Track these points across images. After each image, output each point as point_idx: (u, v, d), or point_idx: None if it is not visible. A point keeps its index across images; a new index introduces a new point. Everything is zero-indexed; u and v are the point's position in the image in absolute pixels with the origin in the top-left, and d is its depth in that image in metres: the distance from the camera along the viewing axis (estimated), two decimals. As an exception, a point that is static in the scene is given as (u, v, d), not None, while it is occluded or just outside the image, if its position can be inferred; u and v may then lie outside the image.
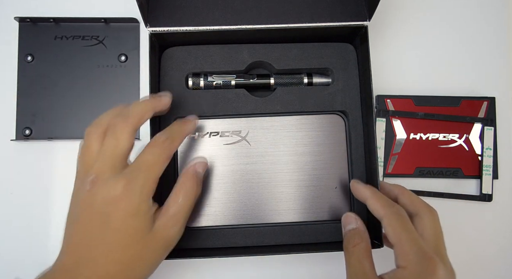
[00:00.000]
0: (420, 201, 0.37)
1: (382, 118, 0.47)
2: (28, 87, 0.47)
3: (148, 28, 0.40)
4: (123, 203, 0.32)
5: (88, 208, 0.32)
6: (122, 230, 0.32)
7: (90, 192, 0.32)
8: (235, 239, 0.42)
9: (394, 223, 0.34)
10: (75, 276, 0.31)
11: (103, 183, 0.32)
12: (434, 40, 0.49)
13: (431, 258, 0.32)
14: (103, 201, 0.32)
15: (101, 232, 0.32)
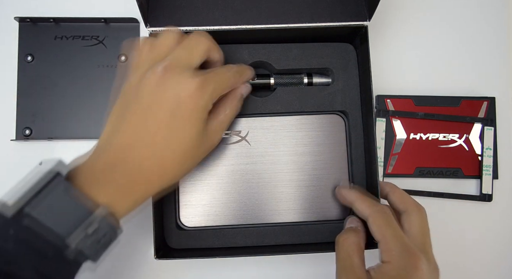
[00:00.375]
0: (409, 198, 0.38)
1: (382, 118, 0.47)
2: (28, 87, 0.47)
3: (148, 28, 0.40)
4: (195, 98, 0.33)
5: (157, 92, 0.32)
6: (188, 122, 0.33)
7: (162, 77, 0.32)
8: (235, 239, 0.42)
9: (378, 220, 0.35)
10: (131, 154, 0.32)
11: (179, 73, 0.33)
12: (434, 40, 0.49)
13: (414, 253, 0.33)
14: (175, 90, 0.32)
15: (167, 118, 0.32)
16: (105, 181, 0.30)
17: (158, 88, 0.32)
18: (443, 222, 0.47)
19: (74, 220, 0.27)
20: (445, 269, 0.46)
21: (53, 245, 0.26)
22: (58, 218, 0.27)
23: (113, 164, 0.31)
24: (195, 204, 0.42)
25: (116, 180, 0.31)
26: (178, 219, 0.42)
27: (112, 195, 0.30)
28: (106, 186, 0.30)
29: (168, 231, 0.42)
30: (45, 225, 0.26)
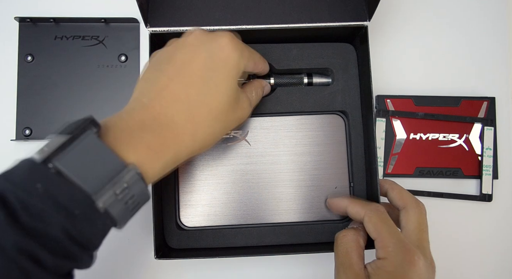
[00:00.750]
0: (408, 195, 0.38)
1: (382, 118, 0.47)
2: (28, 87, 0.47)
3: (148, 28, 0.40)
4: (232, 56, 0.33)
5: (193, 50, 0.33)
6: (224, 78, 0.33)
7: (198, 37, 0.33)
8: (235, 239, 0.42)
9: (373, 219, 0.35)
10: (163, 110, 0.31)
11: (216, 34, 0.34)
12: (434, 40, 0.49)
13: (409, 249, 0.33)
14: (211, 47, 0.33)
15: (201, 72, 0.32)
16: (135, 140, 0.28)
17: (193, 46, 0.33)
18: (443, 222, 0.47)
19: (102, 177, 0.25)
20: (445, 269, 0.46)
21: (80, 202, 0.25)
22: (86, 173, 0.25)
23: (143, 121, 0.30)
24: (195, 204, 0.42)
25: (147, 139, 0.29)
26: (178, 219, 0.42)
27: (142, 155, 0.28)
28: (136, 145, 0.28)
29: (168, 231, 0.42)
30: (73, 180, 0.25)
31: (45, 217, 0.24)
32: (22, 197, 0.23)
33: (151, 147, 0.29)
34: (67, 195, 0.24)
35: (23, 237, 0.23)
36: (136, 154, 0.28)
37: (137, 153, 0.28)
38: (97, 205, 0.25)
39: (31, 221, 0.23)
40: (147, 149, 0.29)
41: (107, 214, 0.26)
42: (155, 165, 0.29)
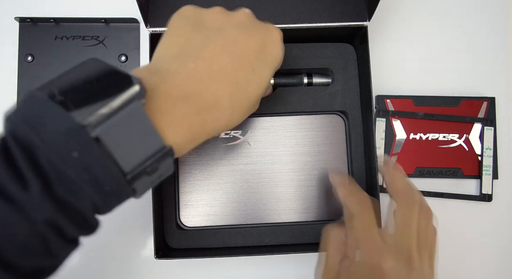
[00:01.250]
0: (401, 184, 0.37)
1: (382, 118, 0.47)
2: (28, 87, 0.46)
3: (148, 29, 0.40)
4: (278, 47, 0.32)
5: (245, 30, 0.31)
6: (267, 68, 0.32)
7: (251, 19, 0.33)
8: (235, 239, 0.42)
9: (353, 218, 0.36)
10: (211, 87, 0.29)
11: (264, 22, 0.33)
12: (434, 40, 0.49)
13: (379, 252, 0.33)
14: (263, 34, 0.32)
15: (252, 58, 0.31)
16: (178, 116, 0.26)
17: (246, 28, 0.31)
18: (443, 222, 0.47)
19: (140, 155, 0.24)
20: (445, 268, 0.46)
21: (113, 179, 0.23)
22: (125, 148, 0.23)
23: (188, 94, 0.27)
24: (195, 204, 0.42)
25: (189, 118, 0.27)
26: (178, 219, 0.42)
27: (180, 135, 0.27)
28: (178, 122, 0.26)
29: (168, 231, 0.42)
30: (112, 154, 0.23)
31: (78, 191, 0.22)
32: (57, 165, 0.21)
33: (191, 128, 0.27)
34: (103, 170, 0.22)
35: (55, 212, 0.22)
36: (176, 134, 0.26)
37: (176, 132, 0.26)
38: (128, 183, 0.24)
39: (65, 195, 0.22)
40: (187, 129, 0.27)
41: (133, 189, 0.25)
42: (188, 147, 0.28)
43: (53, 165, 0.22)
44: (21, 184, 0.21)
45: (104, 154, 0.22)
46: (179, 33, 0.31)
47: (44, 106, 0.22)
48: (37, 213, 0.21)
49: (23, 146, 0.21)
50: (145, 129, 0.24)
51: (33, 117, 0.22)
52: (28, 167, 0.21)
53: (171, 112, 0.26)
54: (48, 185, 0.22)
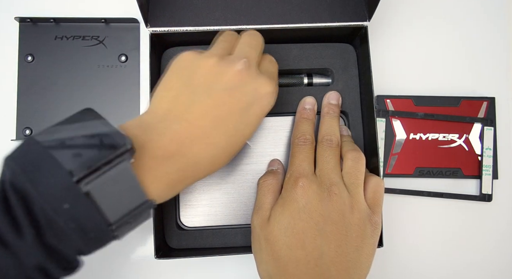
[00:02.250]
0: (346, 145, 0.39)
1: (382, 118, 0.47)
2: (28, 87, 0.47)
3: (148, 28, 0.40)
4: (269, 99, 0.33)
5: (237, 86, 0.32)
6: (256, 120, 0.33)
7: (242, 73, 0.33)
8: (235, 239, 0.42)
9: (292, 150, 0.39)
10: (193, 149, 0.30)
11: (257, 71, 0.33)
12: (434, 40, 0.49)
13: (298, 176, 0.35)
14: (255, 86, 0.33)
15: (241, 110, 0.32)
16: (160, 172, 0.29)
17: (235, 88, 0.32)
18: (443, 222, 0.47)
19: (124, 207, 0.26)
20: (445, 268, 0.46)
21: (98, 228, 0.25)
22: (111, 201, 0.26)
23: (171, 154, 0.29)
24: (195, 204, 0.42)
25: (170, 174, 0.29)
26: (178, 218, 0.42)
27: (161, 189, 0.29)
28: (160, 178, 0.29)
29: (168, 230, 0.42)
30: (100, 206, 0.25)
31: (66, 239, 0.25)
32: (49, 214, 0.24)
33: (171, 182, 0.30)
34: (90, 220, 0.25)
35: (45, 258, 0.24)
36: (157, 189, 0.29)
37: (158, 187, 0.29)
38: (112, 231, 0.26)
39: (54, 241, 0.25)
40: (168, 184, 0.30)
41: (116, 236, 0.27)
42: (167, 197, 0.30)
43: (46, 214, 0.24)
44: (17, 230, 0.23)
45: (93, 207, 0.25)
46: (171, 86, 0.33)
47: (42, 158, 0.24)
48: (29, 259, 0.24)
49: (20, 195, 0.24)
50: (131, 185, 0.26)
51: (31, 169, 0.24)
52: (24, 216, 0.24)
53: (155, 170, 0.29)
54: (40, 233, 0.24)
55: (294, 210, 0.34)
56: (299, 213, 0.34)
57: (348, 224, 0.34)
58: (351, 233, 0.34)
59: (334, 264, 0.33)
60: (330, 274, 0.33)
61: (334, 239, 0.33)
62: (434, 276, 0.46)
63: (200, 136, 0.31)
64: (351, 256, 0.33)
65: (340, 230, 0.33)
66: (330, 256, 0.33)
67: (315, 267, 0.33)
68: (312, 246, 0.33)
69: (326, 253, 0.33)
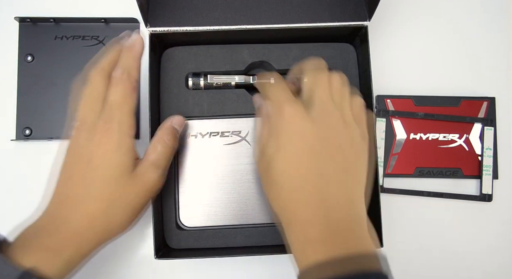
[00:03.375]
0: (307, 64, 0.38)
1: (382, 118, 0.47)
2: (28, 87, 0.47)
3: (148, 28, 0.40)
4: (104, 140, 0.33)
5: (72, 152, 0.34)
6: (103, 165, 0.33)
7: (74, 138, 0.34)
8: (235, 239, 0.42)
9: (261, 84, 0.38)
10: (58, 212, 0.33)
11: (85, 127, 0.34)
12: (434, 40, 0.49)
13: (280, 102, 0.33)
14: (85, 143, 0.33)
15: (83, 171, 0.33)
16: (32, 245, 0.31)
17: (74, 150, 0.34)
18: (443, 222, 0.47)
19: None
20: (445, 268, 0.46)
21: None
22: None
23: (42, 226, 0.32)
24: (195, 204, 0.42)
25: (43, 243, 0.31)
26: (178, 219, 0.42)
27: (38, 258, 0.30)
28: (33, 249, 0.30)
29: (168, 231, 0.42)
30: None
31: None
32: None
33: (47, 249, 0.31)
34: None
35: None
36: (32, 258, 0.30)
37: (33, 257, 0.30)
38: None
39: None
40: (44, 251, 0.30)
41: None
42: (54, 264, 0.30)
43: None
44: None
45: None
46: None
47: None
48: None
49: None
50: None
51: None
52: None
53: (28, 245, 0.31)
54: None
55: (285, 138, 0.32)
56: (291, 140, 0.32)
57: (343, 141, 0.33)
58: (347, 148, 0.33)
59: (334, 182, 0.32)
60: (329, 191, 0.31)
61: (330, 158, 0.32)
62: (434, 276, 0.46)
63: (62, 202, 0.34)
64: (349, 172, 0.32)
65: (337, 148, 0.32)
66: (329, 174, 0.32)
67: (315, 187, 0.31)
68: (310, 168, 0.32)
69: (325, 173, 0.32)
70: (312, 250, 0.30)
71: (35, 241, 0.31)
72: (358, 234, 0.31)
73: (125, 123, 0.34)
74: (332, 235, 0.30)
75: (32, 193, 0.46)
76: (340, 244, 0.29)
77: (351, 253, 0.29)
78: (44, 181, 0.46)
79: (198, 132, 0.43)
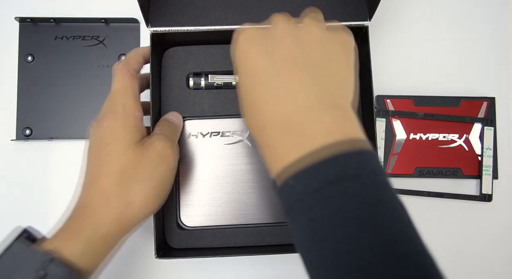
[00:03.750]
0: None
1: (382, 118, 0.47)
2: (28, 87, 0.46)
3: (149, 28, 0.40)
4: (110, 121, 0.35)
5: (90, 142, 0.35)
6: (111, 143, 0.34)
7: (90, 129, 0.36)
8: (235, 239, 0.42)
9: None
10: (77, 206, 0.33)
11: (96, 118, 0.36)
12: (434, 40, 0.49)
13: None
14: (96, 130, 0.35)
15: (96, 153, 0.34)
16: (55, 232, 0.31)
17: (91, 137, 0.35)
18: (443, 222, 0.47)
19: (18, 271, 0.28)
20: (445, 269, 0.46)
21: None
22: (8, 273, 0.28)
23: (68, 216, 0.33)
24: (195, 203, 0.42)
25: (64, 227, 0.32)
26: (178, 218, 0.42)
27: (58, 241, 0.30)
28: (55, 235, 0.31)
29: (168, 230, 0.42)
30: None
31: None
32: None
33: (68, 230, 0.31)
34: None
35: None
36: (56, 240, 0.30)
37: (55, 241, 0.30)
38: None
39: None
40: (65, 233, 0.31)
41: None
42: (75, 244, 0.30)
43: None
44: None
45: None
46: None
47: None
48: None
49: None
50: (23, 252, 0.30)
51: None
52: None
53: (57, 232, 0.32)
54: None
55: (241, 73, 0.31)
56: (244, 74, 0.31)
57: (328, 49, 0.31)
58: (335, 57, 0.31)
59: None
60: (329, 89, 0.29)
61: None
62: (434, 276, 0.46)
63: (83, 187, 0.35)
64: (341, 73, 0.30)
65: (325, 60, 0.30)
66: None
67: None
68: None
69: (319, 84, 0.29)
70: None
71: (59, 228, 0.32)
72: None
73: (128, 104, 0.35)
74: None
75: (32, 192, 0.46)
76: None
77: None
78: (43, 181, 0.46)
79: (198, 132, 0.43)
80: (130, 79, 0.37)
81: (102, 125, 0.34)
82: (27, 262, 0.28)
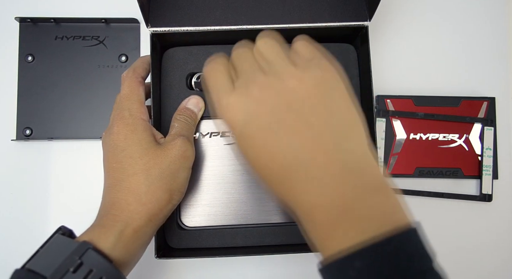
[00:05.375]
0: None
1: (382, 118, 0.47)
2: (28, 88, 0.47)
3: (149, 28, 0.40)
4: (120, 126, 0.36)
5: (104, 149, 0.37)
6: (128, 146, 0.35)
7: (102, 137, 0.38)
8: (235, 239, 0.42)
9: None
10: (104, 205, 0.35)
11: (108, 126, 0.38)
12: (434, 40, 0.49)
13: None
14: (108, 136, 0.36)
15: (115, 157, 0.35)
16: (88, 228, 0.33)
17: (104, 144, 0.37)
18: (443, 222, 0.47)
19: (58, 260, 0.30)
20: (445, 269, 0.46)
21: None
22: (48, 263, 0.30)
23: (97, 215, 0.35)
24: (195, 203, 0.42)
25: (97, 223, 0.34)
26: (178, 218, 0.42)
27: (94, 232, 0.32)
28: (88, 230, 0.33)
29: (168, 230, 0.42)
30: (37, 271, 0.30)
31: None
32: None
33: (101, 225, 0.33)
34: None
35: None
36: (90, 234, 0.32)
37: (90, 232, 0.33)
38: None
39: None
40: (98, 227, 0.33)
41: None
42: (107, 236, 0.32)
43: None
44: None
45: (33, 275, 0.30)
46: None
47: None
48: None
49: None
50: (62, 244, 0.32)
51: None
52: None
53: (92, 227, 0.34)
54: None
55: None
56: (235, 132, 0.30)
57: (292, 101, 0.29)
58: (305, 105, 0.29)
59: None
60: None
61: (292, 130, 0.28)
62: (434, 276, 0.46)
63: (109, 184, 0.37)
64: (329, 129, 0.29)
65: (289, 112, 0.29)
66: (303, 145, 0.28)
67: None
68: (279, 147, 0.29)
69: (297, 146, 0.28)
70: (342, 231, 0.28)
71: (98, 222, 0.34)
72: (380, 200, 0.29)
73: (134, 109, 0.37)
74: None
75: (32, 192, 0.46)
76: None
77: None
78: (43, 181, 0.46)
79: (198, 132, 0.43)
80: (137, 86, 0.38)
81: (113, 131, 0.36)
82: (66, 251, 0.30)
